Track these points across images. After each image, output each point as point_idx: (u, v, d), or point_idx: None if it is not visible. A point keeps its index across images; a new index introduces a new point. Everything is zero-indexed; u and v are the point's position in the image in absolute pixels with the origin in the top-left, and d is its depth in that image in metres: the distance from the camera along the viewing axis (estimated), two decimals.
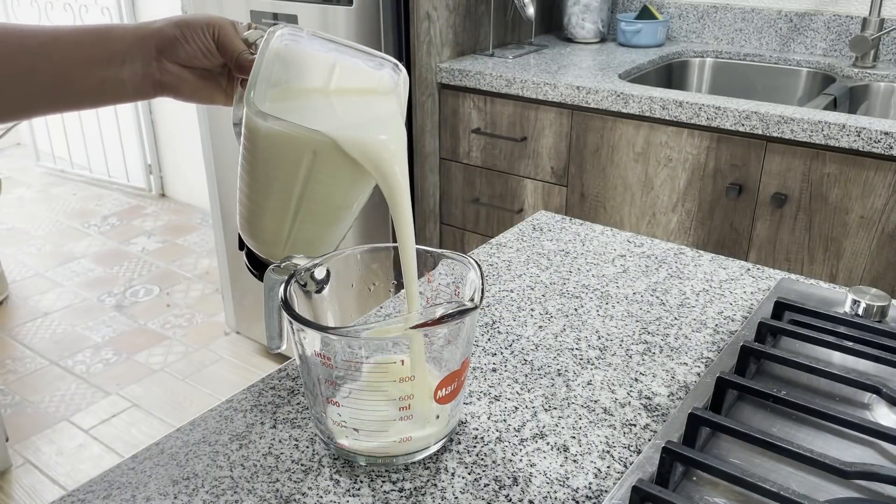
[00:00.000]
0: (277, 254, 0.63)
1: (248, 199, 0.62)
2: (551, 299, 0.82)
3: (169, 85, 0.63)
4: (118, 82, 0.62)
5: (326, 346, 0.55)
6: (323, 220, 0.62)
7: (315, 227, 0.62)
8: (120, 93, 0.63)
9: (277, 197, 0.59)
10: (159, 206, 3.48)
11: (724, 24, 2.05)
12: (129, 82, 0.62)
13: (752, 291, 0.83)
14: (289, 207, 0.59)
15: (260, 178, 0.59)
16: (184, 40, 0.61)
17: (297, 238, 0.62)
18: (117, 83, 0.62)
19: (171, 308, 2.63)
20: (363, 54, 0.61)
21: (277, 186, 0.59)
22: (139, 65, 0.61)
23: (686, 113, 1.54)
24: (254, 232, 0.63)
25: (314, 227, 0.62)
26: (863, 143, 1.36)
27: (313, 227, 0.62)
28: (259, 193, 0.60)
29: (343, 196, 0.60)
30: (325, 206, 0.60)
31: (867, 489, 0.52)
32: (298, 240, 0.62)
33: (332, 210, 0.61)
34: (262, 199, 0.61)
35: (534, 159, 1.80)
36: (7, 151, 4.16)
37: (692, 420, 0.55)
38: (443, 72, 1.86)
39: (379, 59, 0.61)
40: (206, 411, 0.64)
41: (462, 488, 0.55)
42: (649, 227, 1.69)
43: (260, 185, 0.60)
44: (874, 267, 1.44)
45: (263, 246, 0.64)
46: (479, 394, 0.66)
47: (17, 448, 1.97)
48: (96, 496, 0.55)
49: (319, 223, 0.62)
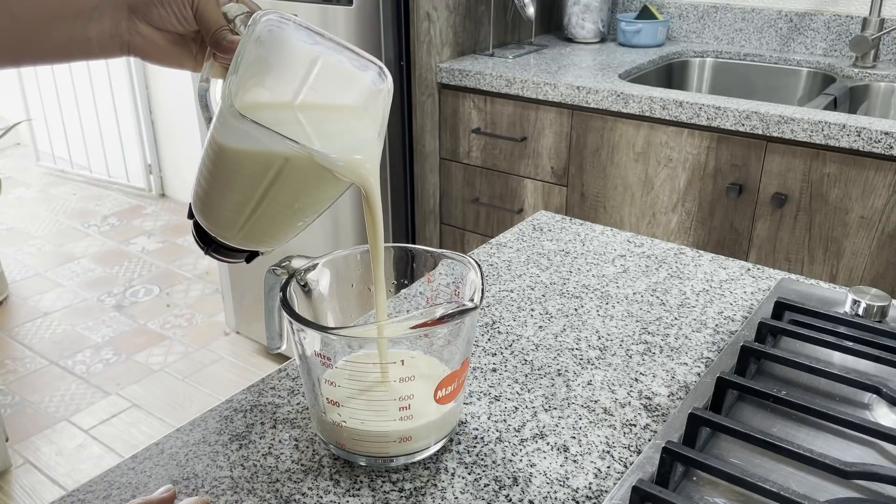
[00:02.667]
0: (229, 238, 0.60)
1: (208, 185, 0.58)
2: (551, 299, 0.82)
3: (137, 47, 0.61)
4: (84, 40, 0.59)
5: (326, 346, 0.55)
6: (281, 221, 0.59)
7: (272, 224, 0.60)
8: (86, 51, 0.60)
9: (240, 192, 0.57)
10: (159, 206, 3.48)
11: (725, 24, 2.05)
12: (95, 40, 0.60)
13: (753, 291, 0.83)
14: (249, 203, 0.57)
15: (225, 169, 0.57)
16: (160, 4, 0.59)
17: (251, 229, 0.59)
18: (83, 41, 0.59)
19: (171, 308, 2.63)
20: (351, 53, 0.59)
21: (242, 182, 0.56)
22: (108, 23, 0.59)
23: (686, 113, 1.54)
24: (208, 214, 0.60)
25: (271, 224, 0.60)
26: (863, 143, 1.36)
27: (271, 224, 0.60)
28: (221, 183, 0.58)
29: (307, 201, 0.58)
30: (287, 209, 0.58)
31: (867, 489, 0.52)
32: (253, 231, 0.60)
33: (293, 212, 0.59)
34: (223, 189, 0.58)
35: (534, 159, 1.80)
36: (7, 151, 4.16)
37: (692, 420, 0.55)
38: (443, 72, 1.86)
39: (366, 61, 0.59)
40: (206, 411, 0.64)
41: (462, 488, 0.55)
42: (649, 227, 1.69)
43: (223, 176, 0.57)
44: (874, 267, 1.44)
45: (215, 227, 0.61)
46: (479, 394, 0.66)
47: (17, 448, 1.97)
48: (96, 496, 0.55)
49: (277, 222, 0.60)
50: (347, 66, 0.59)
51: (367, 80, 0.59)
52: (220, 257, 0.62)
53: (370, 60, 0.58)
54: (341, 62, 0.58)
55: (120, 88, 3.39)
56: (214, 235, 0.61)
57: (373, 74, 0.59)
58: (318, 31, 0.58)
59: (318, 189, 0.57)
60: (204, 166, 0.58)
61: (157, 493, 0.50)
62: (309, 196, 0.57)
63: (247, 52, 0.53)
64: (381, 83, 0.59)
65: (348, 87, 0.60)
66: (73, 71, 3.51)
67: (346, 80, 0.59)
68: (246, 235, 0.60)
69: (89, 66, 3.43)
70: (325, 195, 0.58)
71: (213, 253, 0.62)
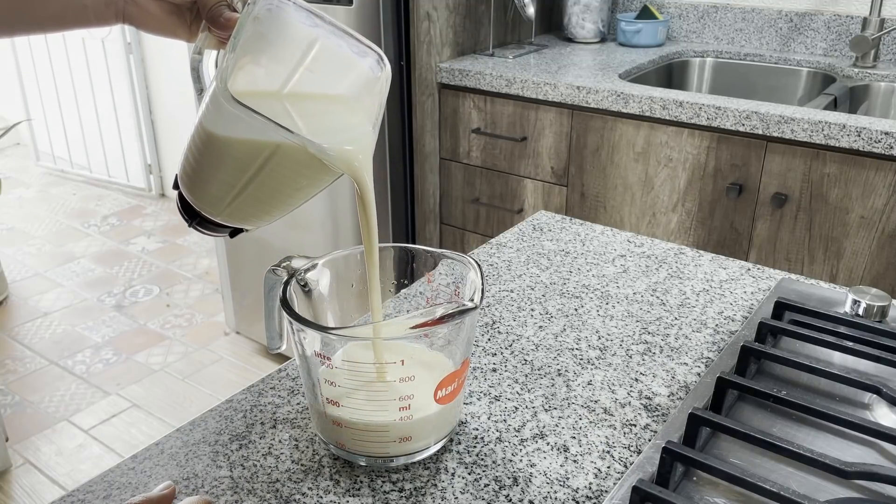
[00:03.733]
0: (214, 214, 0.60)
1: (196, 162, 0.57)
2: (551, 299, 0.82)
3: (132, 15, 0.61)
4: (80, 8, 0.59)
5: (326, 346, 0.55)
6: (268, 204, 0.59)
7: (259, 206, 0.59)
8: (82, 18, 0.60)
9: (227, 173, 0.56)
10: (159, 206, 3.48)
11: (725, 24, 2.05)
12: (91, 8, 0.60)
13: (753, 291, 0.83)
14: (236, 185, 0.56)
15: (214, 150, 0.55)
16: None
17: (237, 209, 0.59)
18: (79, 9, 0.59)
19: (170, 308, 2.63)
20: (350, 38, 0.57)
21: (231, 164, 0.55)
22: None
23: (686, 113, 1.54)
24: (194, 189, 0.59)
25: (258, 206, 0.59)
26: (863, 143, 1.36)
27: (257, 206, 0.59)
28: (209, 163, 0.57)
29: (296, 187, 0.57)
30: (276, 192, 0.57)
31: (867, 489, 0.52)
32: (239, 210, 0.59)
33: (281, 196, 0.58)
34: (211, 169, 0.57)
35: (534, 159, 1.80)
36: (7, 151, 4.16)
37: (692, 420, 0.55)
38: (443, 72, 1.86)
39: (366, 47, 0.58)
40: (206, 411, 0.64)
41: (462, 488, 0.55)
42: (649, 227, 1.69)
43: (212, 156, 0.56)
44: (874, 267, 1.44)
45: (201, 203, 0.60)
46: (479, 394, 0.66)
47: (17, 448, 1.97)
48: (96, 496, 0.55)
49: (264, 204, 0.59)
50: (346, 51, 0.57)
51: (365, 66, 0.58)
52: (204, 231, 0.61)
53: (369, 47, 0.57)
54: (340, 46, 0.57)
55: (120, 88, 3.38)
56: (199, 210, 0.60)
57: (371, 61, 0.58)
58: (319, 14, 0.57)
59: (308, 176, 0.56)
60: (193, 143, 0.56)
61: (157, 490, 0.50)
62: (298, 182, 0.56)
63: (244, 31, 0.52)
64: (378, 70, 0.57)
65: (345, 72, 0.59)
66: (73, 71, 3.51)
67: (344, 64, 0.58)
68: (231, 214, 0.59)
69: (89, 66, 3.43)
70: (315, 183, 0.57)
71: (196, 226, 0.61)
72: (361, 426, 0.55)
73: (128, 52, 3.29)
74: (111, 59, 3.35)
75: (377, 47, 0.57)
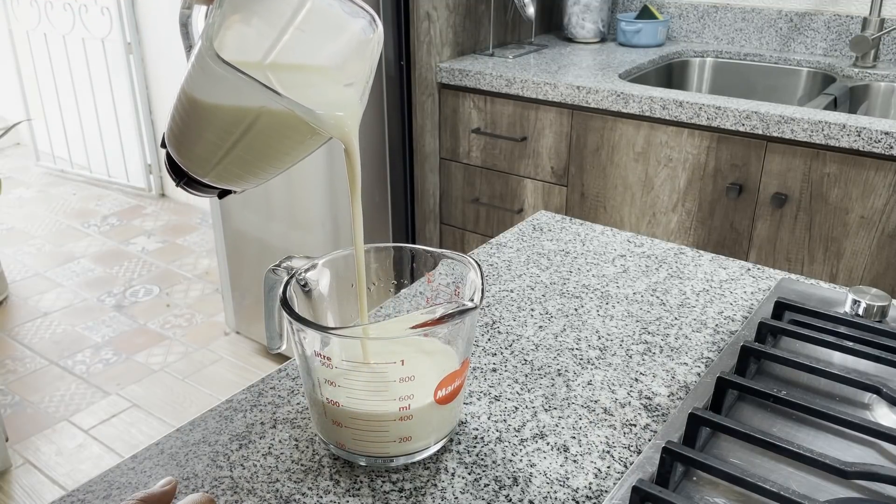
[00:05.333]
0: (201, 175, 0.58)
1: (183, 122, 0.56)
2: (551, 299, 0.82)
3: None
4: None
5: (326, 346, 0.55)
6: (255, 166, 0.58)
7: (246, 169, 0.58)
8: None
9: (214, 134, 0.54)
10: (159, 206, 3.48)
11: (725, 24, 2.05)
12: None
13: (753, 291, 0.83)
14: (223, 146, 0.55)
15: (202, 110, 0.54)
16: None
17: (224, 171, 0.58)
18: None
19: (170, 308, 2.63)
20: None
21: (217, 125, 0.54)
22: None
23: (686, 113, 1.54)
24: (181, 149, 0.58)
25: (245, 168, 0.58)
26: (863, 143, 1.36)
27: (244, 168, 0.58)
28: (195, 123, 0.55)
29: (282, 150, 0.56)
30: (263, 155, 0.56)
31: (867, 489, 0.52)
32: (226, 172, 0.58)
33: (268, 159, 0.57)
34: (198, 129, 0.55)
35: (534, 159, 1.80)
36: (7, 151, 4.16)
37: (692, 420, 0.55)
38: (443, 72, 1.86)
39: (358, 7, 0.56)
40: (206, 411, 0.64)
41: (462, 488, 0.55)
42: (649, 227, 1.69)
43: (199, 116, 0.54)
44: (874, 267, 1.44)
45: (188, 163, 0.58)
46: (479, 394, 0.66)
47: (17, 448, 1.97)
48: (96, 496, 0.55)
49: (251, 166, 0.58)
50: (337, 11, 0.56)
51: (357, 27, 0.56)
52: (192, 191, 0.60)
53: (362, 7, 0.56)
54: (331, 6, 0.56)
55: (120, 88, 3.38)
56: (186, 170, 0.58)
57: (363, 22, 0.56)
58: None
59: (297, 140, 0.55)
60: (179, 103, 0.55)
61: (158, 486, 0.50)
62: (286, 145, 0.55)
63: None
64: (371, 32, 0.56)
65: (336, 33, 0.57)
66: (74, 71, 3.51)
67: (335, 25, 0.57)
68: (219, 175, 0.58)
69: (89, 66, 3.43)
70: (304, 145, 0.56)
71: (184, 186, 0.60)
72: (361, 426, 0.55)
73: (128, 52, 3.29)
74: (111, 59, 3.35)
75: (370, 8, 0.56)
